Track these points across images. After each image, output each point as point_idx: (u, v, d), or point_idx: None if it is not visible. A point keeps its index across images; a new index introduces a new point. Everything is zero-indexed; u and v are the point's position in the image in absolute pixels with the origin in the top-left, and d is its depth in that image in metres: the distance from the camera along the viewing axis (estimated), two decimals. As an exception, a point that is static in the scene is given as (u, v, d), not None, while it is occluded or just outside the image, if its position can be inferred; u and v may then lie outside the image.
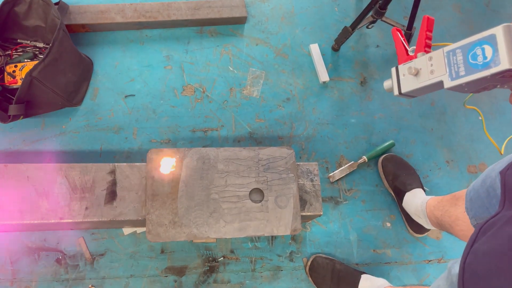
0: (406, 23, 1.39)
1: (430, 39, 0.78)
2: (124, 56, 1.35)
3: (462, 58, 0.65)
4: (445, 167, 1.37)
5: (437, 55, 0.71)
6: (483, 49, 0.62)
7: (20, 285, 1.08)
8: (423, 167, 1.36)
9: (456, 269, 0.57)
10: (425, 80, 0.73)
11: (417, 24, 1.40)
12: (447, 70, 0.68)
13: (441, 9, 1.63)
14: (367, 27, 1.39)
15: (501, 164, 0.77)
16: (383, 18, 1.34)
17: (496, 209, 0.74)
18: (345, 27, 1.36)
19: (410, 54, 0.80)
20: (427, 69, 0.73)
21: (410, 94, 0.80)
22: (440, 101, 1.46)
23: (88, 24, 1.32)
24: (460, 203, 0.93)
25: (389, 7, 1.29)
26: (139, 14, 1.34)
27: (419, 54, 0.77)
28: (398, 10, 1.58)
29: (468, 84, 0.65)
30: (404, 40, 0.84)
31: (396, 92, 0.81)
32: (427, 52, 0.77)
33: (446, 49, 0.69)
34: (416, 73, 0.75)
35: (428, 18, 0.77)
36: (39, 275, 1.09)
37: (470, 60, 0.64)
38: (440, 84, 0.71)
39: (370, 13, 1.32)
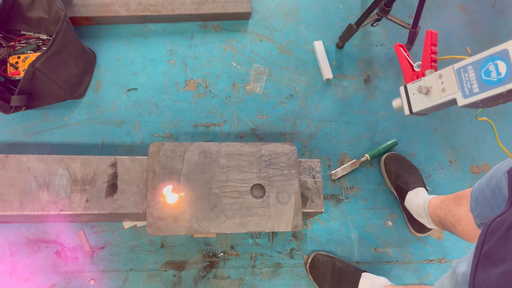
0: (411, 22, 1.38)
1: (435, 53, 0.76)
2: (127, 50, 1.35)
3: (474, 75, 0.63)
4: (448, 167, 1.36)
5: (447, 72, 0.69)
6: (496, 65, 0.60)
7: (19, 276, 1.07)
8: (426, 167, 1.35)
9: (461, 268, 0.56)
10: (437, 98, 0.71)
11: (422, 22, 1.40)
12: (460, 88, 0.66)
13: (446, 9, 1.62)
14: (372, 25, 1.38)
15: (508, 163, 0.76)
16: (388, 16, 1.33)
17: (501, 208, 0.73)
18: (350, 24, 1.35)
19: (416, 69, 0.78)
20: (438, 87, 0.70)
21: (422, 113, 0.77)
22: (444, 101, 1.45)
23: (92, 17, 1.32)
24: (463, 202, 0.93)
25: (394, 5, 1.28)
26: (143, 8, 1.34)
27: (427, 72, 0.74)
28: (403, 9, 1.57)
29: (482, 100, 0.62)
30: (408, 55, 0.81)
31: (407, 111, 0.78)
32: (433, 67, 0.75)
33: (456, 66, 0.67)
34: (427, 92, 0.72)
35: (431, 32, 0.75)
36: (38, 267, 1.08)
37: (483, 77, 0.62)
38: (453, 101, 0.68)
39: (375, 11, 1.32)
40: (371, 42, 1.50)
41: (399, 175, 1.24)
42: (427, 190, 1.23)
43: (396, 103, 0.82)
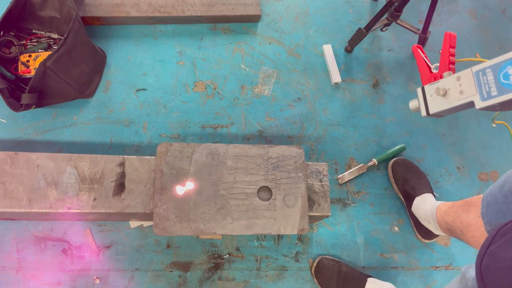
0: (421, 27, 1.38)
1: (453, 55, 0.76)
2: (137, 50, 1.36)
3: (493, 78, 0.63)
4: (456, 173, 1.35)
5: (466, 74, 0.69)
6: None
7: (26, 274, 1.08)
8: (434, 173, 1.34)
9: (471, 273, 0.56)
10: (455, 100, 0.71)
11: (432, 28, 1.39)
12: (478, 90, 0.66)
13: (456, 14, 1.61)
14: (381, 30, 1.38)
15: (520, 169, 0.75)
16: (398, 21, 1.33)
17: None
18: (359, 28, 1.35)
19: (434, 71, 0.78)
20: (455, 89, 0.71)
21: (439, 115, 0.78)
22: (452, 107, 1.44)
23: (103, 17, 1.33)
24: (472, 209, 0.92)
25: (404, 10, 1.28)
26: (153, 9, 1.35)
27: (445, 74, 0.75)
28: (413, 14, 1.57)
29: (501, 104, 0.63)
30: (425, 57, 0.81)
31: (424, 113, 0.79)
32: (451, 69, 0.75)
33: (475, 68, 0.67)
34: (444, 94, 0.73)
35: (450, 34, 0.75)
36: (44, 265, 1.09)
37: (502, 80, 0.62)
38: (471, 104, 0.68)
39: (385, 16, 1.31)
40: (380, 47, 1.50)
41: (407, 180, 1.23)
42: (434, 196, 1.22)
43: (412, 104, 0.82)
